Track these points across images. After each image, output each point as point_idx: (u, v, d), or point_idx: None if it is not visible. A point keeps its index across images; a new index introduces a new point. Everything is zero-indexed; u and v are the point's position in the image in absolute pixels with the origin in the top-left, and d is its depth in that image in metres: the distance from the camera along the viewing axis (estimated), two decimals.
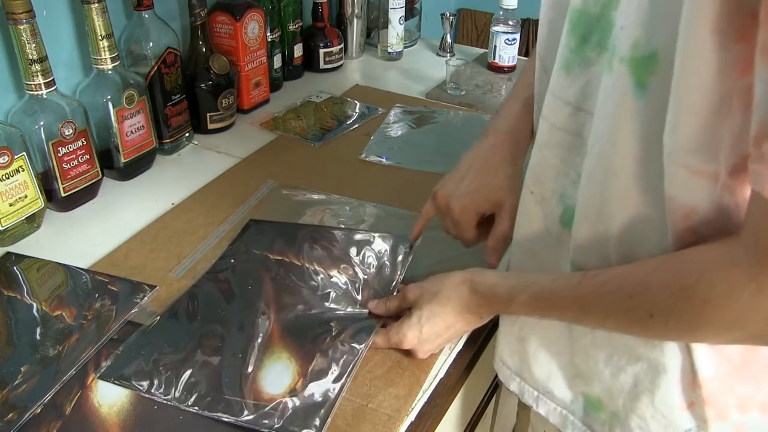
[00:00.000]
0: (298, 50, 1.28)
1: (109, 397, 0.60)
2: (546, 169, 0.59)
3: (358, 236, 0.77)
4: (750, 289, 0.41)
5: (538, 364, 0.63)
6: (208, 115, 1.07)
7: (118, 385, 0.60)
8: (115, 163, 0.93)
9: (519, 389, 0.66)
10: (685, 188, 0.45)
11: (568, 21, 0.53)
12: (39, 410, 0.58)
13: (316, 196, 0.90)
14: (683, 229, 0.47)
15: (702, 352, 0.51)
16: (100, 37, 0.85)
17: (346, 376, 0.61)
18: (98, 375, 0.61)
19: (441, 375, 0.65)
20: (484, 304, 0.62)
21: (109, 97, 0.88)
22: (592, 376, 0.58)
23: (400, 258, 0.75)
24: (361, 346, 0.64)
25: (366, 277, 0.73)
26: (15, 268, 0.76)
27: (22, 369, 0.62)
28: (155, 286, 0.73)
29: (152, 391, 0.59)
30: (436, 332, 0.64)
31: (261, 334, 0.65)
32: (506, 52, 1.32)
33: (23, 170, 0.79)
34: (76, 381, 0.61)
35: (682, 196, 0.46)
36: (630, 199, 0.50)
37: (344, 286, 0.72)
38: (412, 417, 0.61)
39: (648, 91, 0.46)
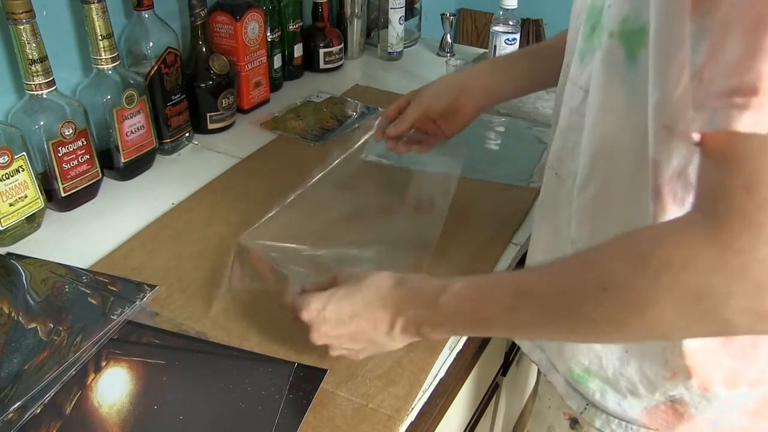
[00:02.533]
0: (298, 50, 1.28)
1: (109, 397, 0.60)
2: (567, 152, 0.62)
3: None
4: (711, 252, 0.38)
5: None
6: (208, 115, 1.07)
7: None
8: (115, 163, 0.93)
9: (538, 359, 0.70)
10: (663, 141, 0.48)
11: (585, 13, 0.58)
12: (39, 410, 0.58)
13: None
14: (664, 187, 0.49)
15: None
16: (100, 37, 0.85)
17: None
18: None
19: (441, 375, 0.65)
20: (404, 300, 0.55)
21: (109, 97, 0.88)
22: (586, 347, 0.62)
23: None
24: None
25: None
26: (15, 267, 0.76)
27: (24, 368, 0.62)
28: (155, 286, 0.73)
29: None
30: (338, 317, 0.57)
31: None
32: (506, 52, 1.31)
33: (23, 170, 0.79)
34: (76, 381, 0.61)
35: (665, 158, 0.48)
36: (621, 166, 0.53)
37: None
38: (412, 417, 0.61)
39: (638, 63, 0.50)
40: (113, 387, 0.61)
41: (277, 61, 1.23)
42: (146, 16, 0.94)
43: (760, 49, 0.35)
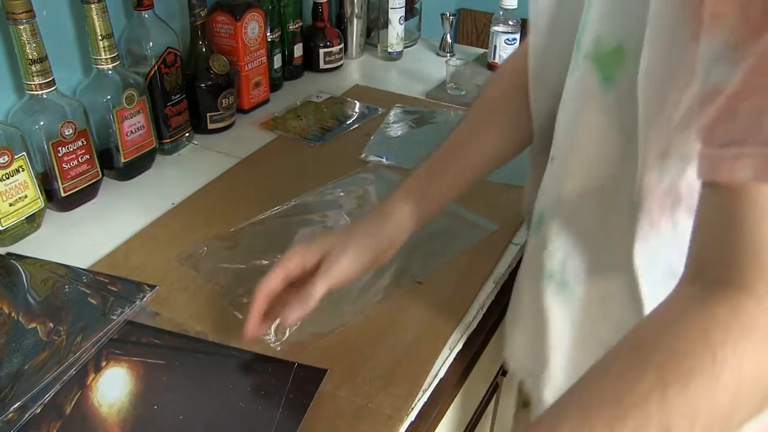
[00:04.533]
0: (298, 50, 1.28)
1: (109, 397, 0.60)
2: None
3: None
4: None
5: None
6: (208, 115, 1.07)
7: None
8: (115, 163, 0.93)
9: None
10: (657, 169, 0.45)
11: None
12: (39, 410, 0.58)
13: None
14: (657, 218, 0.46)
15: None
16: (100, 37, 0.85)
17: None
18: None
19: (441, 375, 0.65)
20: None
21: (109, 97, 0.88)
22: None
23: None
24: None
25: None
26: (15, 267, 0.76)
27: (25, 368, 0.62)
28: (155, 286, 0.73)
29: None
30: None
31: None
32: (506, 52, 1.32)
33: (23, 170, 0.79)
34: (76, 381, 0.61)
35: (655, 177, 0.45)
36: (600, 193, 0.51)
37: None
38: (412, 417, 0.61)
39: (615, 85, 0.46)
40: (113, 387, 0.61)
41: (277, 61, 1.23)
42: (146, 16, 0.94)
43: None
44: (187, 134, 1.04)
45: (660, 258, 0.49)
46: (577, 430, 0.35)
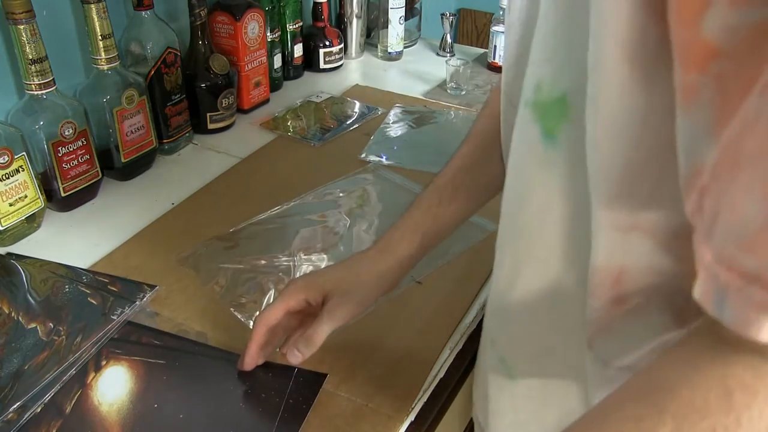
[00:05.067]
0: (298, 50, 1.28)
1: (109, 396, 0.60)
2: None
3: None
4: None
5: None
6: (208, 115, 1.07)
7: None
8: (115, 163, 0.93)
9: None
10: (614, 249, 0.38)
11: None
12: (39, 410, 0.58)
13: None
14: (609, 298, 0.40)
15: None
16: (100, 37, 0.85)
17: None
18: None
19: (441, 375, 0.65)
20: None
21: (109, 97, 0.88)
22: None
23: None
24: None
25: None
26: (15, 267, 0.76)
27: (25, 368, 0.62)
28: (155, 286, 0.73)
29: None
30: None
31: None
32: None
33: (23, 170, 0.79)
34: (76, 380, 0.61)
35: (612, 259, 0.38)
36: (544, 267, 0.45)
37: None
38: (412, 417, 0.61)
39: (558, 143, 0.40)
40: (113, 386, 0.61)
41: (277, 61, 1.23)
42: (146, 16, 0.94)
43: None
44: (187, 134, 1.04)
45: (613, 355, 0.43)
46: None
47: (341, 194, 0.91)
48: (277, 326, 0.61)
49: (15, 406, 0.58)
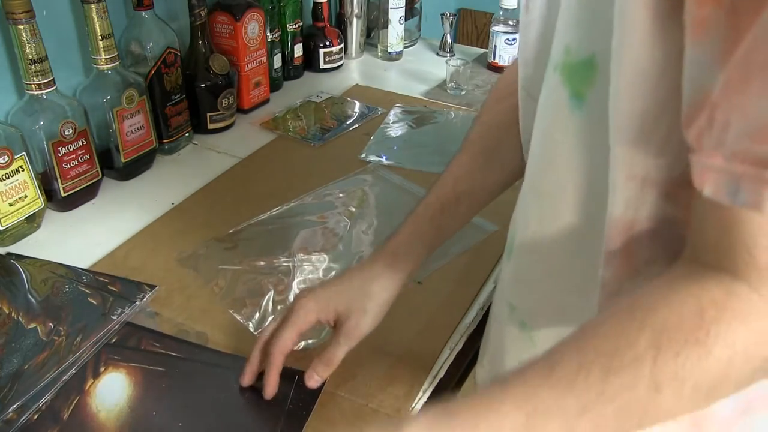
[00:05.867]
0: (298, 50, 1.28)
1: (107, 403, 0.60)
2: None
3: None
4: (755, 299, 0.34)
5: None
6: (208, 115, 1.07)
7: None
8: (115, 163, 0.93)
9: None
10: (629, 200, 0.40)
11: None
12: (36, 416, 0.58)
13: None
14: (622, 252, 0.42)
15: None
16: (100, 37, 0.85)
17: None
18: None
19: (441, 375, 0.65)
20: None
21: (108, 97, 0.88)
22: None
23: None
24: None
25: None
26: (15, 267, 0.76)
27: (25, 368, 0.62)
28: (155, 286, 0.73)
29: None
30: None
31: None
32: (506, 52, 1.32)
33: (23, 170, 0.79)
34: (74, 386, 0.61)
35: (627, 210, 0.41)
36: (567, 227, 0.47)
37: None
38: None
39: (585, 104, 0.42)
40: (111, 392, 0.61)
41: (277, 61, 1.23)
42: (146, 16, 0.94)
43: None
44: (187, 134, 1.04)
45: None
46: (572, 375, 0.37)
47: (341, 195, 0.91)
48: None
49: (15, 406, 0.58)
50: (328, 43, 1.32)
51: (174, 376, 0.63)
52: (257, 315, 0.70)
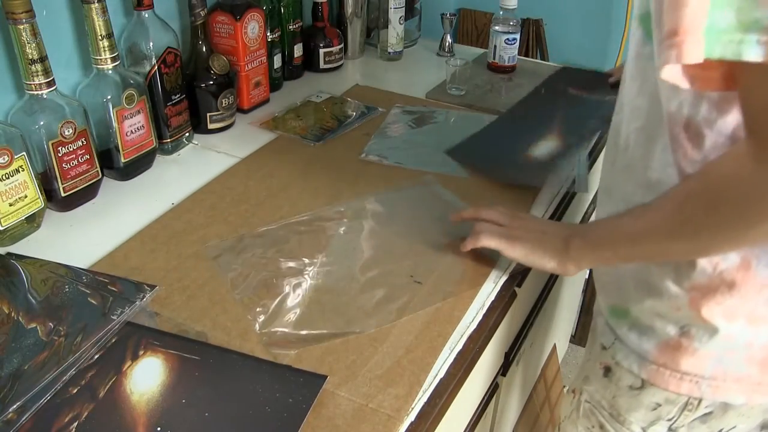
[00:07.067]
0: (298, 50, 1.28)
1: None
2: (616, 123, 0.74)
3: None
4: (751, 168, 0.49)
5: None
6: (208, 115, 1.07)
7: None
8: (115, 163, 0.93)
9: (596, 306, 0.81)
10: (677, 101, 0.58)
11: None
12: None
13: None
14: (683, 140, 0.59)
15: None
16: (100, 37, 0.85)
17: None
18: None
19: (441, 375, 0.65)
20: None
21: (108, 97, 0.88)
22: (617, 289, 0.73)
23: None
24: None
25: None
26: (15, 267, 0.76)
27: (26, 368, 0.62)
28: (155, 286, 0.73)
29: None
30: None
31: None
32: (506, 52, 1.32)
33: (23, 170, 0.79)
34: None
35: (677, 109, 0.58)
36: (641, 122, 0.65)
37: None
38: (412, 417, 0.61)
39: (652, 39, 0.56)
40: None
41: (277, 61, 1.23)
42: (146, 16, 0.94)
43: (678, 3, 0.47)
44: (187, 134, 1.04)
45: None
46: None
47: (369, 204, 0.90)
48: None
49: (15, 406, 0.58)
50: (328, 43, 1.32)
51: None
52: (263, 317, 0.70)
